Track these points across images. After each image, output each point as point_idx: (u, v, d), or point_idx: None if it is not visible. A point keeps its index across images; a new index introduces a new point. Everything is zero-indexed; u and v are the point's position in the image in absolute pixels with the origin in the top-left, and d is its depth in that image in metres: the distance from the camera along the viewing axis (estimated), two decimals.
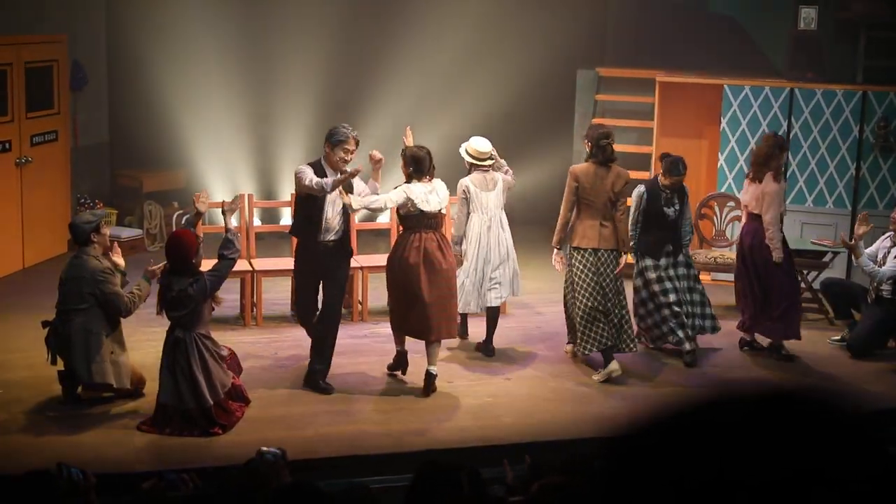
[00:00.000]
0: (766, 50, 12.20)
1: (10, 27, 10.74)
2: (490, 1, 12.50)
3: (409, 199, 7.75)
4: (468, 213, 8.57)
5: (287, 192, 11.78)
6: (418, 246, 7.78)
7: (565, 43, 12.85)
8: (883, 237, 9.17)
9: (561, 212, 8.37)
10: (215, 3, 12.13)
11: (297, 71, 12.44)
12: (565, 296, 8.54)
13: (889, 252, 8.93)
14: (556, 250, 8.43)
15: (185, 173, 12.55)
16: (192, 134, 12.38)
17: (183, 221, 7.81)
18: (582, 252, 8.24)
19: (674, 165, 8.64)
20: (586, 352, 8.28)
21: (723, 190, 10.93)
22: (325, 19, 12.49)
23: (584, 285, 8.21)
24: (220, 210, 7.89)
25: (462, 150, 8.72)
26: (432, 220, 7.91)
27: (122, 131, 12.46)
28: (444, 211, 8.07)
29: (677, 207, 8.73)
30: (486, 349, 8.84)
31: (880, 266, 8.87)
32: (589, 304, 8.16)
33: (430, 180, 7.92)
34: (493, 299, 8.75)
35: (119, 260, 7.58)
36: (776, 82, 11.02)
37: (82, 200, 11.73)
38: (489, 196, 8.62)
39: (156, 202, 12.10)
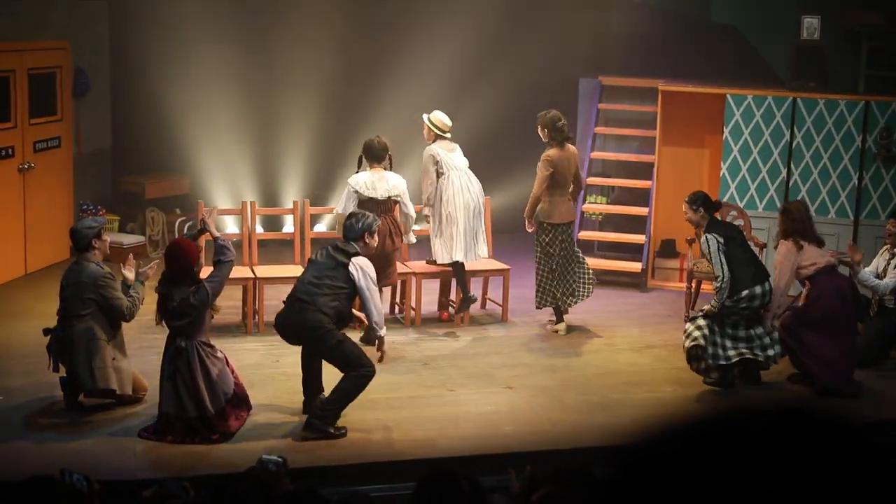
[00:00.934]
0: (768, 59, 12.21)
1: (13, 34, 10.76)
2: (492, 10, 12.52)
3: (352, 191, 8.80)
4: (438, 177, 9.34)
5: (289, 199, 11.80)
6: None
7: (567, 51, 12.86)
8: (881, 250, 9.18)
9: (535, 192, 9.34)
10: (218, 10, 12.15)
11: (300, 78, 12.46)
12: (540, 263, 9.48)
13: (889, 263, 8.93)
14: (528, 221, 9.47)
15: (188, 180, 12.56)
16: (194, 140, 12.39)
17: (185, 230, 7.81)
18: (557, 227, 9.36)
19: None
20: (543, 305, 9.55)
21: (725, 199, 10.92)
22: (328, 28, 12.51)
23: (558, 254, 9.41)
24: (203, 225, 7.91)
25: (426, 119, 9.45)
26: (381, 206, 8.85)
27: (124, 138, 12.47)
28: (396, 198, 8.98)
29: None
30: (469, 300, 9.60)
31: (882, 279, 8.88)
32: (557, 269, 9.41)
33: (381, 169, 8.96)
34: (480, 252, 9.59)
35: (129, 274, 7.59)
36: (779, 92, 11.02)
37: (85, 207, 11.74)
38: (454, 156, 9.45)
39: (158, 209, 12.11)
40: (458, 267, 9.50)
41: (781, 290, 8.36)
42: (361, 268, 7.25)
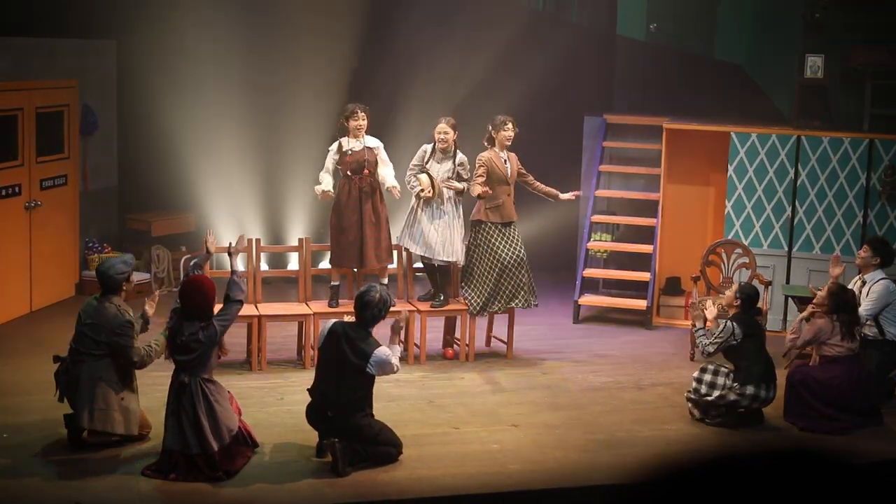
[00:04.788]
0: (772, 97, 12.25)
1: (21, 72, 10.83)
2: (497, 47, 12.58)
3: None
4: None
5: (294, 236, 11.82)
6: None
7: (572, 89, 12.92)
8: (854, 280, 9.19)
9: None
10: (225, 48, 12.22)
11: (307, 116, 12.51)
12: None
13: (861, 293, 8.94)
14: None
15: (194, 217, 12.60)
16: (200, 178, 12.44)
17: (192, 264, 7.83)
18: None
19: None
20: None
21: (730, 237, 10.94)
22: (334, 64, 12.57)
23: None
24: (226, 253, 7.99)
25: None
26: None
27: (131, 175, 12.52)
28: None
29: None
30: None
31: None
32: None
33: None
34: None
35: (150, 309, 7.64)
36: (783, 130, 11.05)
37: (91, 244, 11.76)
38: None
39: (164, 246, 12.15)
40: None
41: (795, 345, 8.58)
42: (380, 366, 7.23)
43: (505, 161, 9.78)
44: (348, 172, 9.63)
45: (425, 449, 7.63)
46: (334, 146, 9.73)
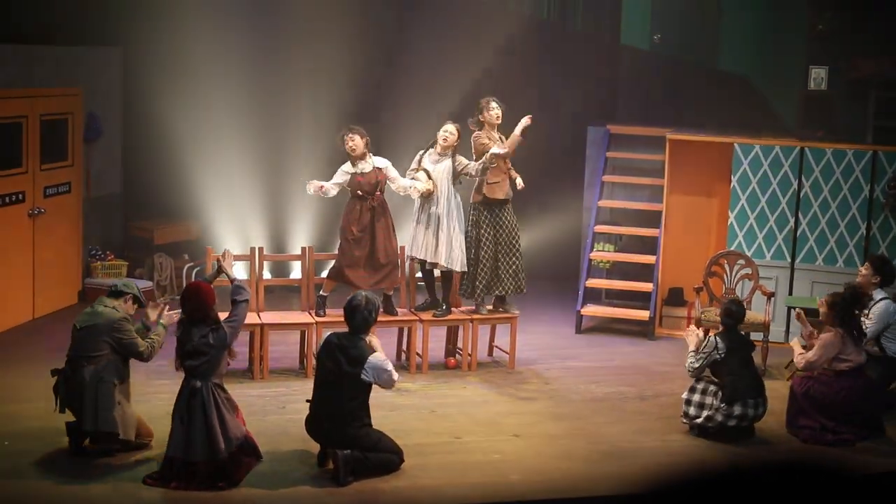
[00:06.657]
0: (776, 109, 12.27)
1: (26, 80, 10.85)
2: (500, 57, 12.60)
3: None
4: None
5: (297, 245, 11.81)
6: None
7: (576, 99, 12.93)
8: None
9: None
10: (229, 57, 12.24)
11: (310, 124, 12.53)
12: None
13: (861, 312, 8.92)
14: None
15: (197, 226, 12.61)
16: (204, 187, 12.46)
17: (203, 277, 7.86)
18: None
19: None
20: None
21: (733, 248, 10.93)
22: (336, 75, 12.59)
23: None
24: (217, 269, 7.99)
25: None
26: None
27: (134, 183, 12.54)
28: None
29: None
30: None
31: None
32: None
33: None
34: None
35: (152, 314, 7.69)
36: (786, 141, 11.05)
37: (94, 252, 11.77)
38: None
39: (167, 254, 12.15)
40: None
41: (811, 366, 8.37)
42: (376, 372, 7.21)
43: (499, 139, 9.80)
44: (359, 192, 9.58)
45: (427, 458, 7.62)
46: (346, 166, 9.60)
